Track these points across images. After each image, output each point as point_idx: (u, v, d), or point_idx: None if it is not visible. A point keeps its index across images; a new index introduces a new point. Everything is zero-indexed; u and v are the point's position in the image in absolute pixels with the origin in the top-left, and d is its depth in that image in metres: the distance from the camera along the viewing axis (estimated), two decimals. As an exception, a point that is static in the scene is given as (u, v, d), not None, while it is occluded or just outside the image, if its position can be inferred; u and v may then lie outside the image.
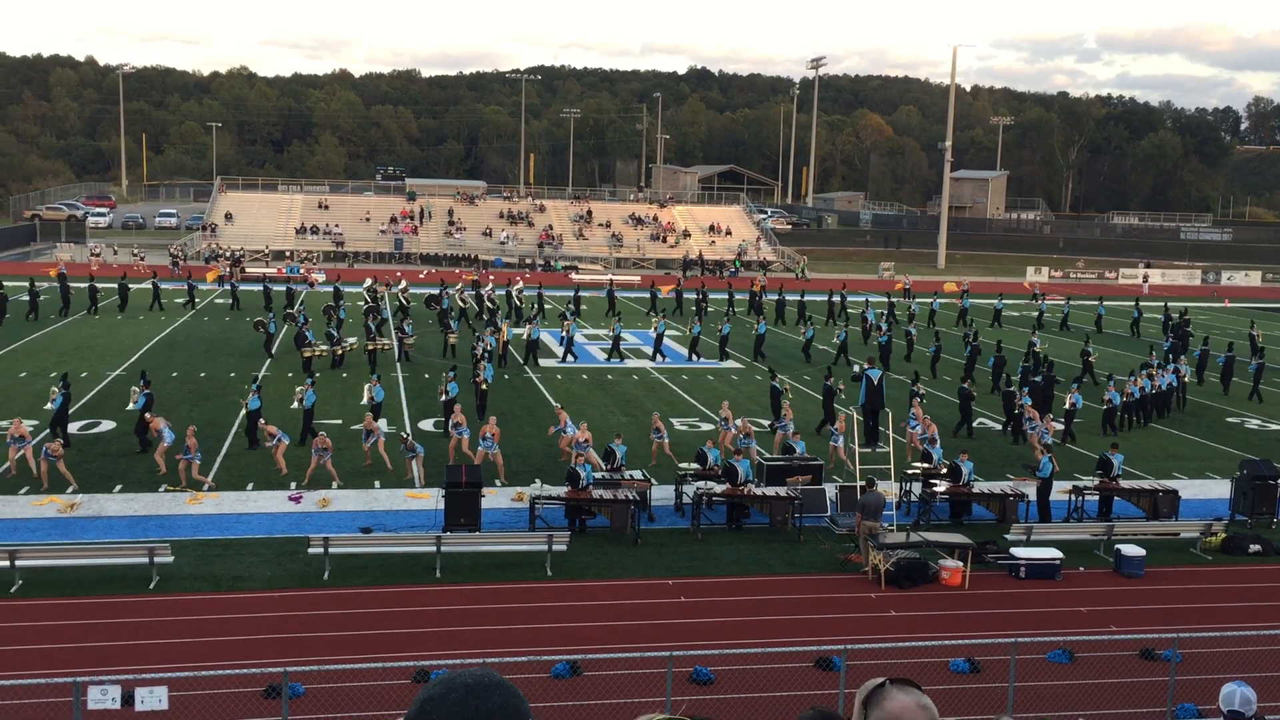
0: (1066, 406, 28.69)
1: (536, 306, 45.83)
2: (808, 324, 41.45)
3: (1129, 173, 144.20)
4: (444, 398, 26.93)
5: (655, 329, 39.77)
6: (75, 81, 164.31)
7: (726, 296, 51.10)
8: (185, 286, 49.42)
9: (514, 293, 48.17)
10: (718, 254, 76.90)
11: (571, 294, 48.66)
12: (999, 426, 29.81)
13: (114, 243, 72.06)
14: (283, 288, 48.57)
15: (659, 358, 38.87)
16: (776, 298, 51.13)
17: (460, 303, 46.05)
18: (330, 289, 48.49)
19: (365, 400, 26.70)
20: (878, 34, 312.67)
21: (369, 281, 48.79)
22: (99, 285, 47.09)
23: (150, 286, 48.31)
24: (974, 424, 28.98)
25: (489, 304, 45.50)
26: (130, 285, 47.85)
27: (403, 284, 48.38)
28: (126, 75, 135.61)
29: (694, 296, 51.49)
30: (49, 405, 25.33)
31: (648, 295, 51.00)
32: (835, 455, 24.56)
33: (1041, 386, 30.16)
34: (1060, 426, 28.14)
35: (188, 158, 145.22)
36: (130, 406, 25.73)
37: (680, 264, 73.80)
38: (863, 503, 19.31)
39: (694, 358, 39.15)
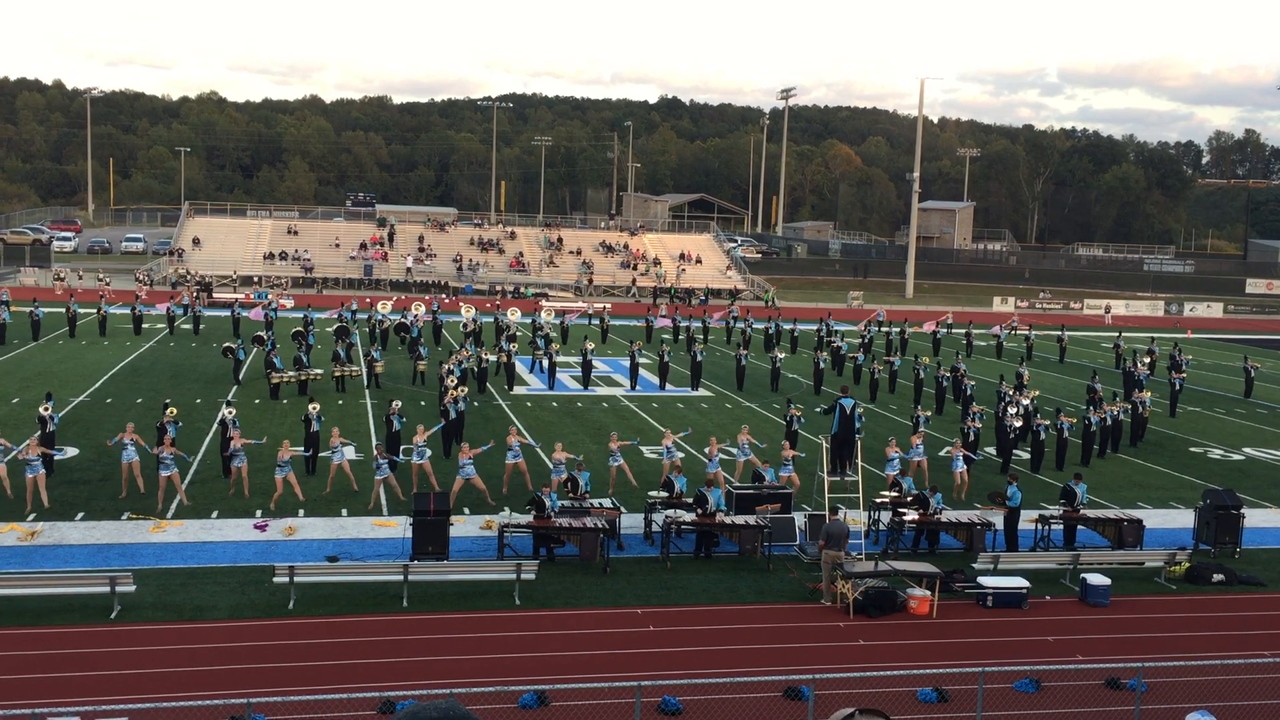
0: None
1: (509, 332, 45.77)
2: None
3: (1093, 205, 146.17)
4: (391, 429, 26.39)
5: (631, 355, 39.76)
6: (42, 105, 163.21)
7: (701, 324, 51.34)
8: (166, 312, 49.09)
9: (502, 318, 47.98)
10: (687, 282, 77.14)
11: (557, 321, 48.93)
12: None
13: (79, 267, 71.39)
14: (260, 315, 48.14)
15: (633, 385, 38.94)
16: (767, 325, 51.39)
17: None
18: (301, 314, 48.25)
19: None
20: (846, 66, 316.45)
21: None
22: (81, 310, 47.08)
23: (129, 312, 48.23)
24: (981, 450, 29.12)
25: (464, 328, 45.45)
26: (107, 310, 47.68)
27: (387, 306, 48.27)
28: (94, 99, 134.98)
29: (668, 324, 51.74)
30: (49, 427, 24.78)
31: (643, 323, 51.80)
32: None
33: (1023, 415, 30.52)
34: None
35: (155, 182, 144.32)
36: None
37: (651, 292, 74.00)
38: (826, 531, 19.28)
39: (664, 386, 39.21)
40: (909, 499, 22.43)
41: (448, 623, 17.27)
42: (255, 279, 69.47)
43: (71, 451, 26.55)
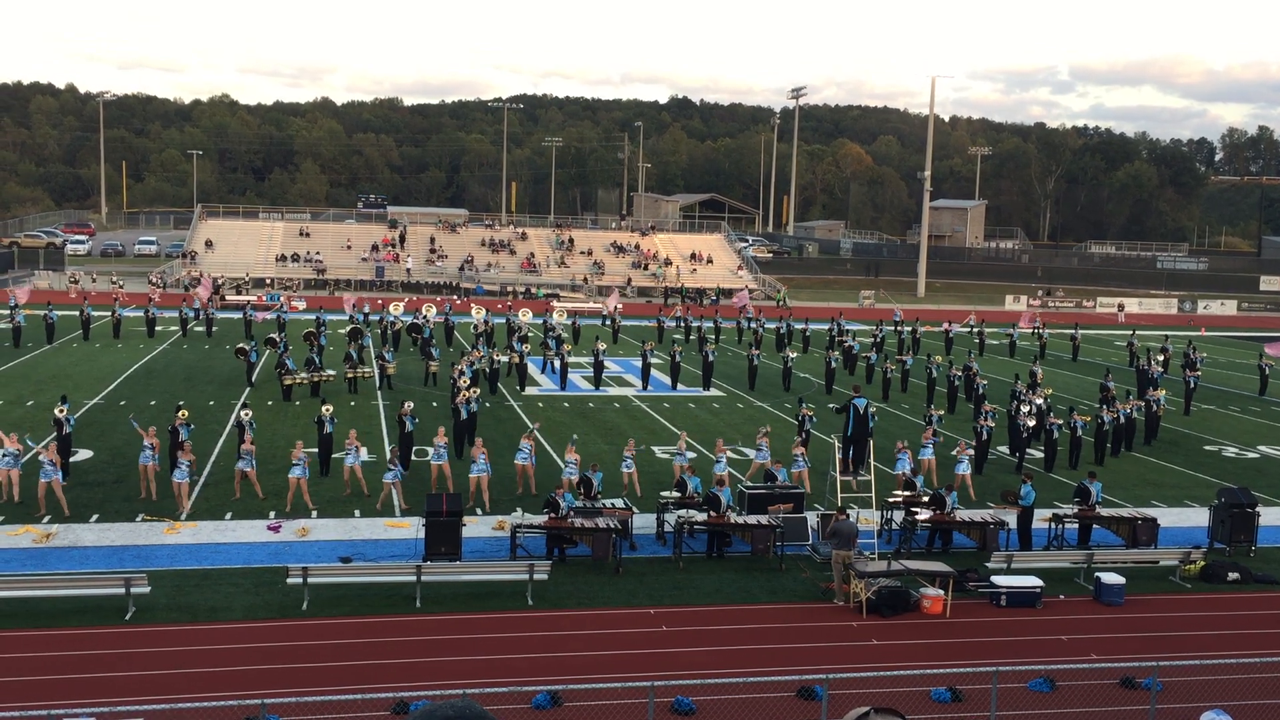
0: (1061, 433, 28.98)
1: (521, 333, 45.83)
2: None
3: (1105, 202, 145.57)
4: (404, 430, 26.39)
5: (643, 356, 39.72)
6: (55, 109, 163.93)
7: (713, 324, 51.30)
8: (179, 315, 49.29)
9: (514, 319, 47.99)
10: (699, 282, 77.09)
11: (569, 321, 48.97)
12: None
13: (93, 270, 71.72)
14: (273, 316, 48.25)
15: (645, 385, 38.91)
16: (777, 325, 51.28)
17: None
18: (312, 316, 48.39)
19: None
20: (856, 64, 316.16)
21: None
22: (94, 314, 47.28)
23: (143, 314, 48.48)
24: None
25: (476, 329, 45.56)
26: (121, 313, 47.92)
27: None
28: (107, 103, 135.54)
29: (677, 323, 51.75)
30: (65, 429, 24.92)
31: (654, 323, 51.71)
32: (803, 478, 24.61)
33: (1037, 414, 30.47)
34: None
35: (168, 185, 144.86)
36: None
37: (663, 292, 73.98)
38: (834, 530, 19.22)
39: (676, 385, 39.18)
40: (924, 498, 22.38)
41: (461, 623, 17.30)
42: (268, 281, 69.70)
43: (85, 454, 26.65)
